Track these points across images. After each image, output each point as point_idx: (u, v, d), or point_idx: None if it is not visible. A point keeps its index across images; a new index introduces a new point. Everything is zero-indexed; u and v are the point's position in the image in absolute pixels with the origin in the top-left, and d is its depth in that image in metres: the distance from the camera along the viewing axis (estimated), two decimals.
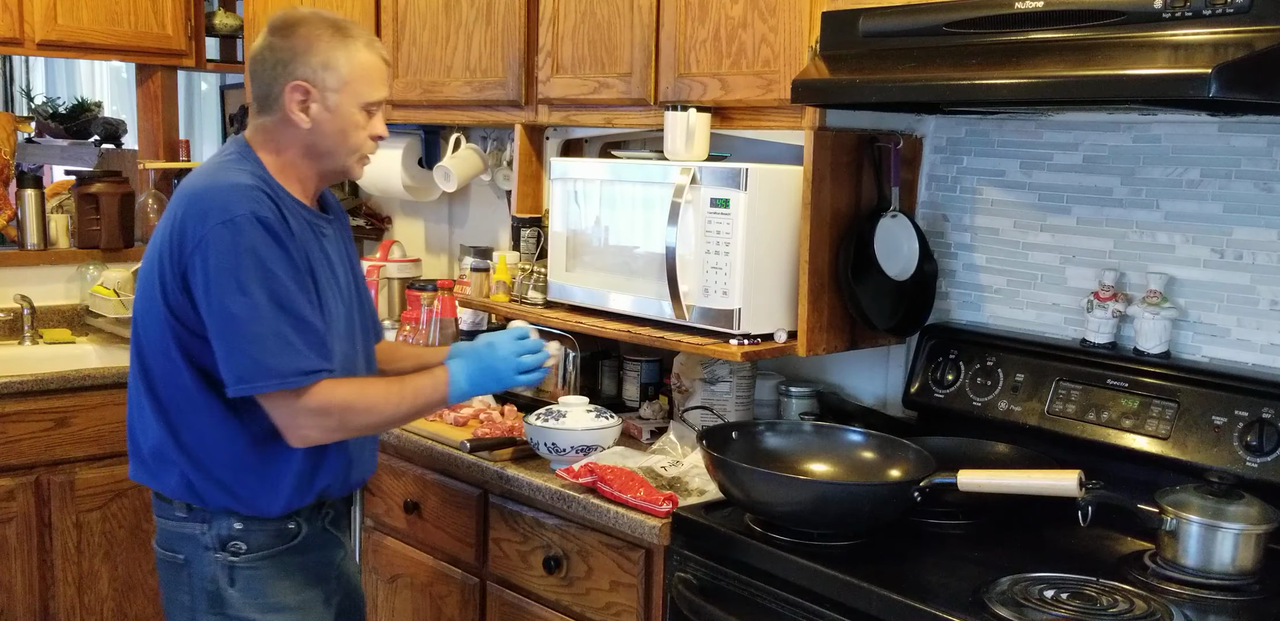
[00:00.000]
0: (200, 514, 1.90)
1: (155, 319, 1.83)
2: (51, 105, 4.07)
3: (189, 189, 1.81)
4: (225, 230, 1.74)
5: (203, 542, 1.91)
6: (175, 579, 1.95)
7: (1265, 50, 1.49)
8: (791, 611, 1.78)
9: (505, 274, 2.67)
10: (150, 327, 1.85)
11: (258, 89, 1.87)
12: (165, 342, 1.83)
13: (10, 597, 3.04)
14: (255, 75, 1.87)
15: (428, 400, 1.90)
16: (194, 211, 1.77)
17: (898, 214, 2.29)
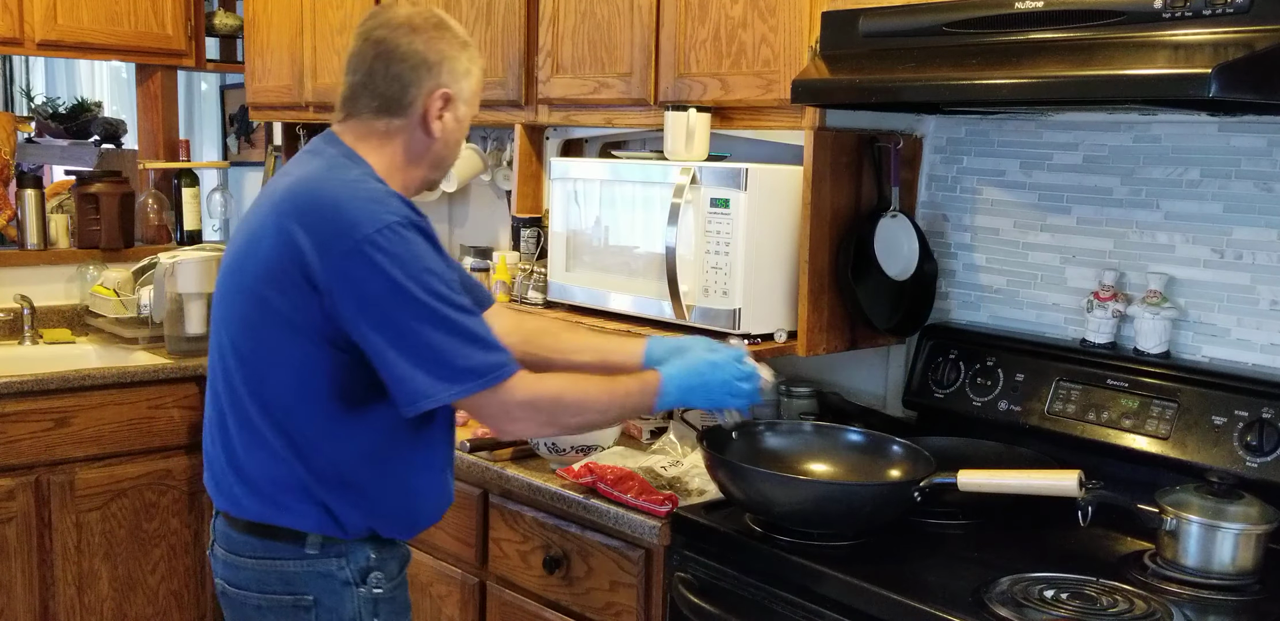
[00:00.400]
0: (337, 547, 1.73)
1: (277, 344, 1.65)
2: (51, 105, 4.07)
3: (310, 197, 1.64)
4: (386, 238, 1.59)
5: (340, 578, 1.74)
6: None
7: (1265, 50, 1.49)
8: (791, 611, 1.77)
9: (505, 274, 2.67)
10: (269, 355, 1.66)
11: (386, 87, 1.71)
12: (296, 368, 1.65)
13: (10, 597, 3.04)
14: (381, 72, 1.71)
15: (635, 405, 1.77)
16: (331, 221, 1.60)
17: (898, 214, 2.29)
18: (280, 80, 3.48)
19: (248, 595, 1.76)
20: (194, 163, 4.34)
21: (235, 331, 1.70)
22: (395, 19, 1.73)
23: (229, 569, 1.78)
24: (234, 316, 1.70)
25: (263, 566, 1.74)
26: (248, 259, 1.68)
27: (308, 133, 3.75)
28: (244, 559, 1.75)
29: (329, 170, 1.69)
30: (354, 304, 1.59)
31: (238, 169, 4.57)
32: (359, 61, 1.74)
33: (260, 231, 1.67)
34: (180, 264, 3.41)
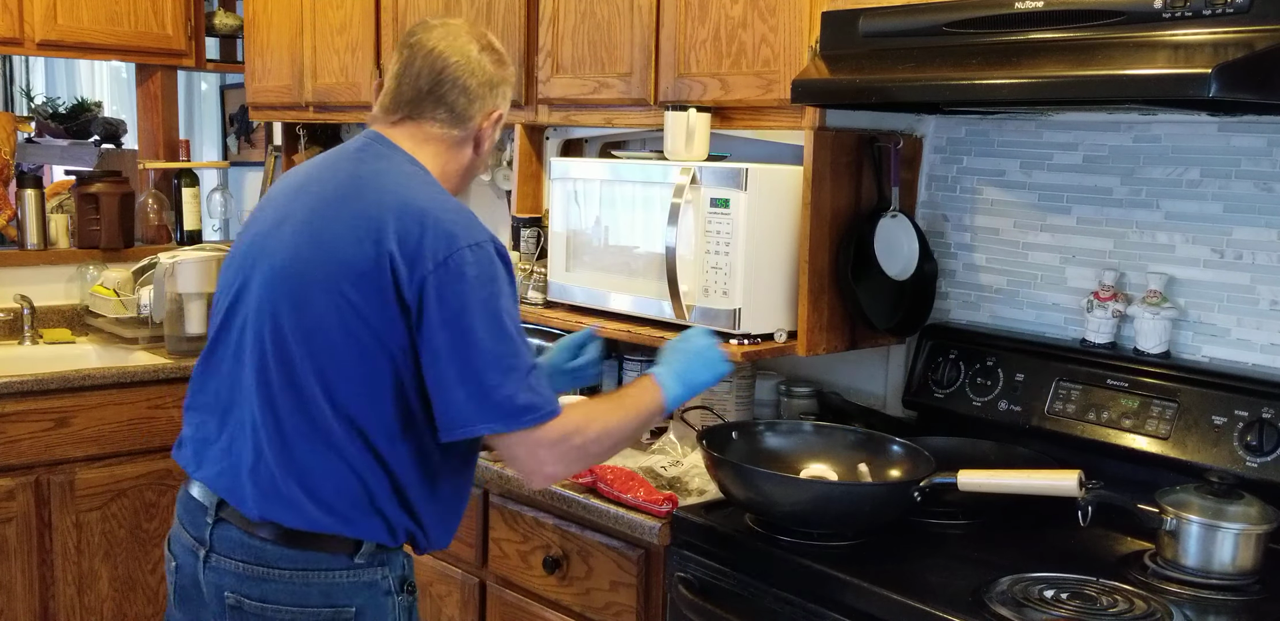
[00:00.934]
0: (381, 557, 1.72)
1: (351, 346, 1.61)
2: (51, 105, 4.07)
3: (402, 201, 1.64)
4: (476, 255, 1.61)
5: (383, 587, 1.72)
6: None
7: (1265, 50, 1.49)
8: (791, 611, 1.77)
9: None
10: (344, 357, 1.62)
11: (454, 96, 1.74)
12: (370, 373, 1.62)
13: (10, 597, 3.04)
14: (454, 83, 1.74)
15: (649, 409, 1.75)
16: (429, 230, 1.61)
17: (898, 214, 2.29)
18: (280, 80, 3.48)
19: (278, 609, 1.69)
20: (194, 163, 4.34)
21: (302, 332, 1.64)
22: (465, 34, 1.77)
23: (250, 582, 1.69)
24: (302, 317, 1.64)
25: (302, 578, 1.68)
26: (321, 255, 1.64)
27: (308, 133, 3.75)
28: (278, 570, 1.68)
29: (408, 179, 1.70)
30: (440, 314, 1.59)
31: (238, 169, 4.57)
32: (431, 69, 1.74)
33: (336, 229, 1.64)
34: (180, 264, 3.41)
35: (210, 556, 1.73)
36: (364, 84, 3.14)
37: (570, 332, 2.56)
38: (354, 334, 1.61)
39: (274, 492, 1.66)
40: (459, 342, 1.58)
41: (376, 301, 1.60)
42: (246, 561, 1.69)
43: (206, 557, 1.73)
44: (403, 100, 1.76)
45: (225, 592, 1.71)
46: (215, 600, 1.73)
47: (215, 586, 1.73)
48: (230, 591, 1.71)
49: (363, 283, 1.60)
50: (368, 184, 1.68)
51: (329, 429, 1.64)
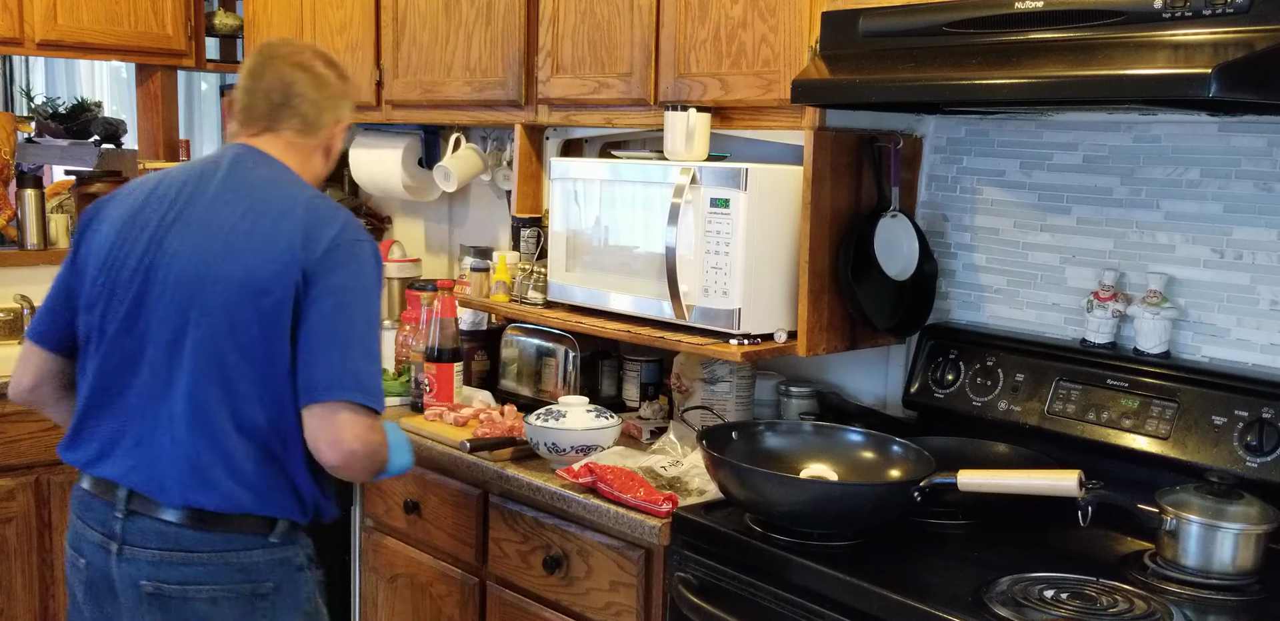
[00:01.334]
0: (292, 536, 1.86)
1: (278, 342, 1.75)
2: (51, 105, 4.07)
3: (304, 203, 1.83)
4: (365, 249, 1.82)
5: (295, 564, 1.87)
6: (251, 612, 1.83)
7: (1265, 50, 1.49)
8: (791, 611, 1.77)
9: (505, 274, 2.67)
10: (264, 349, 1.75)
11: (306, 109, 1.92)
12: (283, 360, 1.76)
13: (10, 597, 3.04)
14: (303, 96, 1.92)
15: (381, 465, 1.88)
16: (326, 223, 1.80)
17: (898, 214, 2.29)
18: None
19: (199, 589, 1.79)
20: None
21: (230, 332, 1.76)
22: (309, 52, 1.97)
23: (168, 567, 1.79)
24: (230, 318, 1.76)
25: (220, 559, 1.80)
26: (238, 260, 1.77)
27: None
28: (196, 554, 1.79)
29: (297, 181, 1.91)
30: (323, 295, 1.75)
31: None
32: (282, 83, 1.92)
33: (249, 232, 1.79)
34: None
35: (124, 549, 1.81)
36: (364, 84, 3.14)
37: (570, 333, 2.57)
38: (274, 327, 1.76)
39: (198, 478, 1.77)
40: (337, 322, 1.75)
41: (289, 296, 1.75)
42: (164, 548, 1.79)
43: (120, 551, 1.81)
44: (258, 114, 1.93)
45: (141, 581, 1.79)
46: (129, 590, 1.81)
47: (129, 577, 1.80)
48: (146, 579, 1.79)
49: (277, 283, 1.75)
50: (266, 190, 1.86)
51: (252, 416, 1.77)
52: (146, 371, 1.81)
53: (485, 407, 2.60)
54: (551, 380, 2.68)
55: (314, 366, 1.75)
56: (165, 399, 1.79)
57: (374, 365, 1.80)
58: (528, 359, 2.75)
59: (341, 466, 1.79)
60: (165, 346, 1.79)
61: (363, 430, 1.76)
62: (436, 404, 2.61)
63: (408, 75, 3.01)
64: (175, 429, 1.78)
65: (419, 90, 2.97)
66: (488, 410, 2.58)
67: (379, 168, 3.40)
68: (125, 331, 1.83)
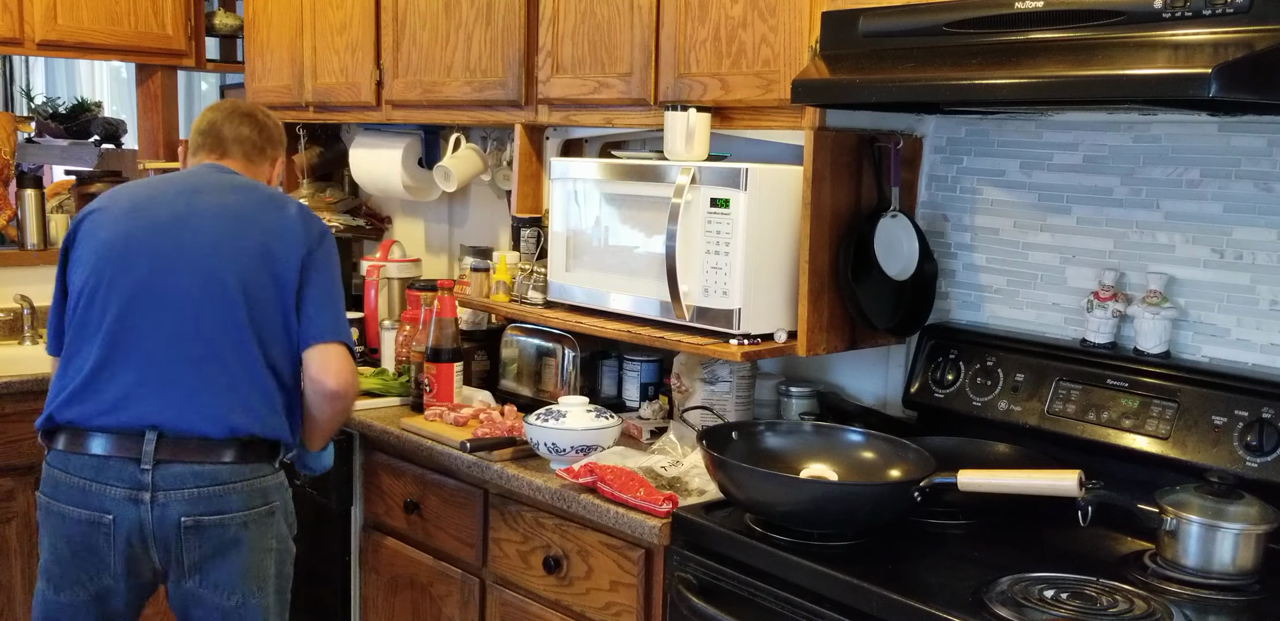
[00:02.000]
0: (280, 462, 2.24)
1: (273, 292, 2.16)
2: (51, 105, 4.07)
3: (283, 198, 2.32)
4: (330, 241, 2.30)
5: (286, 485, 2.26)
6: (263, 530, 2.19)
7: (1265, 50, 1.49)
8: (791, 611, 1.78)
9: (505, 274, 2.67)
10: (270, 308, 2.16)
11: (260, 139, 2.38)
12: (285, 308, 2.17)
13: (10, 598, 3.04)
14: (264, 130, 2.40)
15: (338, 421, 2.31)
16: (311, 218, 2.28)
17: (898, 214, 2.29)
18: (280, 80, 3.48)
19: (233, 516, 2.13)
20: None
21: (241, 289, 2.14)
22: (254, 107, 2.45)
23: (205, 501, 2.10)
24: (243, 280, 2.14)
25: (250, 487, 2.15)
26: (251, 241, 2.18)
27: (307, 132, 3.75)
28: (231, 485, 2.12)
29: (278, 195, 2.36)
30: (318, 267, 2.21)
31: None
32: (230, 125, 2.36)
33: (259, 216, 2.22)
34: None
35: (156, 495, 2.09)
36: (364, 84, 3.14)
37: (570, 333, 2.57)
38: (284, 288, 2.17)
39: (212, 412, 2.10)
40: (328, 287, 2.22)
41: (293, 263, 2.17)
42: (200, 486, 2.10)
43: (153, 499, 2.09)
44: (209, 147, 2.35)
45: (181, 517, 2.09)
46: (168, 530, 2.10)
47: (168, 519, 2.09)
48: (185, 516, 2.09)
49: (289, 255, 2.18)
50: (258, 190, 2.30)
51: (275, 356, 2.17)
52: (171, 323, 2.12)
53: (485, 407, 2.60)
54: (551, 380, 2.68)
55: (316, 318, 2.18)
56: (189, 346, 2.11)
57: (343, 317, 2.26)
58: (528, 359, 2.75)
59: (339, 392, 2.19)
60: (191, 302, 2.12)
61: (352, 365, 2.22)
62: (436, 404, 2.61)
63: (408, 75, 3.01)
64: (205, 368, 2.12)
65: (419, 90, 2.97)
66: (488, 410, 2.58)
67: (379, 168, 3.40)
68: (144, 293, 2.13)
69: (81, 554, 2.14)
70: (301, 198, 3.65)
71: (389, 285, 3.29)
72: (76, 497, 2.12)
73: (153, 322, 2.12)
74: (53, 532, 2.17)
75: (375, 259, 3.34)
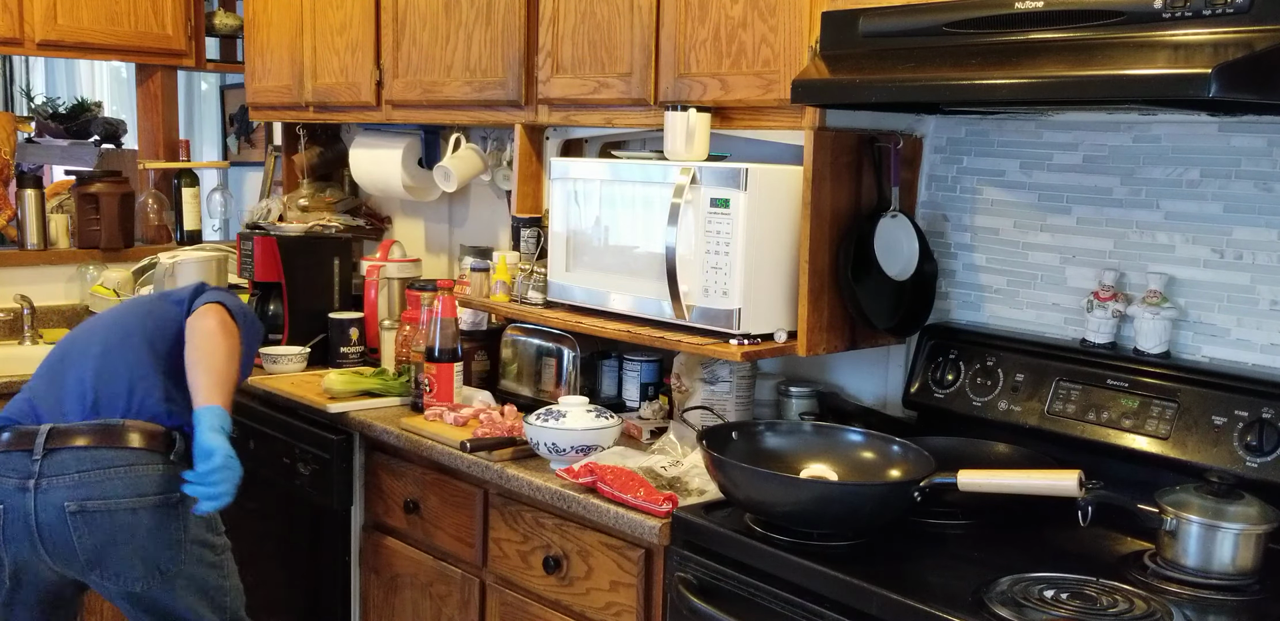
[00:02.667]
0: (181, 453, 2.27)
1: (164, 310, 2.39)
2: (51, 105, 4.07)
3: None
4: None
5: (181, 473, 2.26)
6: (166, 520, 2.23)
7: (1265, 50, 1.49)
8: (791, 611, 1.78)
9: (505, 274, 2.67)
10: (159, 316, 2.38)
11: None
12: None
13: None
14: None
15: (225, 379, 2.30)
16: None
17: (898, 214, 2.29)
18: (280, 80, 3.48)
19: (119, 501, 2.18)
20: (194, 163, 4.34)
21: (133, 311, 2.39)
22: None
23: (87, 487, 2.17)
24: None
25: (134, 473, 2.20)
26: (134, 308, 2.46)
27: (308, 132, 3.75)
28: (113, 469, 2.18)
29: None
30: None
31: (238, 169, 4.57)
32: None
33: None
34: (180, 264, 3.42)
35: (40, 482, 2.17)
36: (364, 84, 3.14)
37: (570, 333, 2.57)
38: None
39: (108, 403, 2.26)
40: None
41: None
42: (82, 470, 2.18)
43: (37, 486, 2.17)
44: None
45: (64, 503, 2.15)
46: (53, 515, 2.16)
47: (50, 505, 2.16)
48: (68, 500, 2.16)
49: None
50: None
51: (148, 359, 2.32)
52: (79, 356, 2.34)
53: (485, 407, 2.60)
54: (551, 380, 2.68)
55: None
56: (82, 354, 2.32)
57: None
58: (528, 359, 2.75)
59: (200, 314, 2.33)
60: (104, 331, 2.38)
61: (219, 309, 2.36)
62: (436, 404, 2.61)
63: (408, 75, 3.01)
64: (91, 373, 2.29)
65: (419, 90, 2.97)
66: (488, 410, 2.58)
67: (379, 168, 3.40)
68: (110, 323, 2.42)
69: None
70: (301, 198, 3.65)
71: (389, 285, 3.29)
72: None
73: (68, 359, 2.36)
74: None
75: (375, 259, 3.34)
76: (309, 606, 2.92)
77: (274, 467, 2.88)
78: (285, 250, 3.24)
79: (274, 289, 3.28)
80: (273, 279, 3.24)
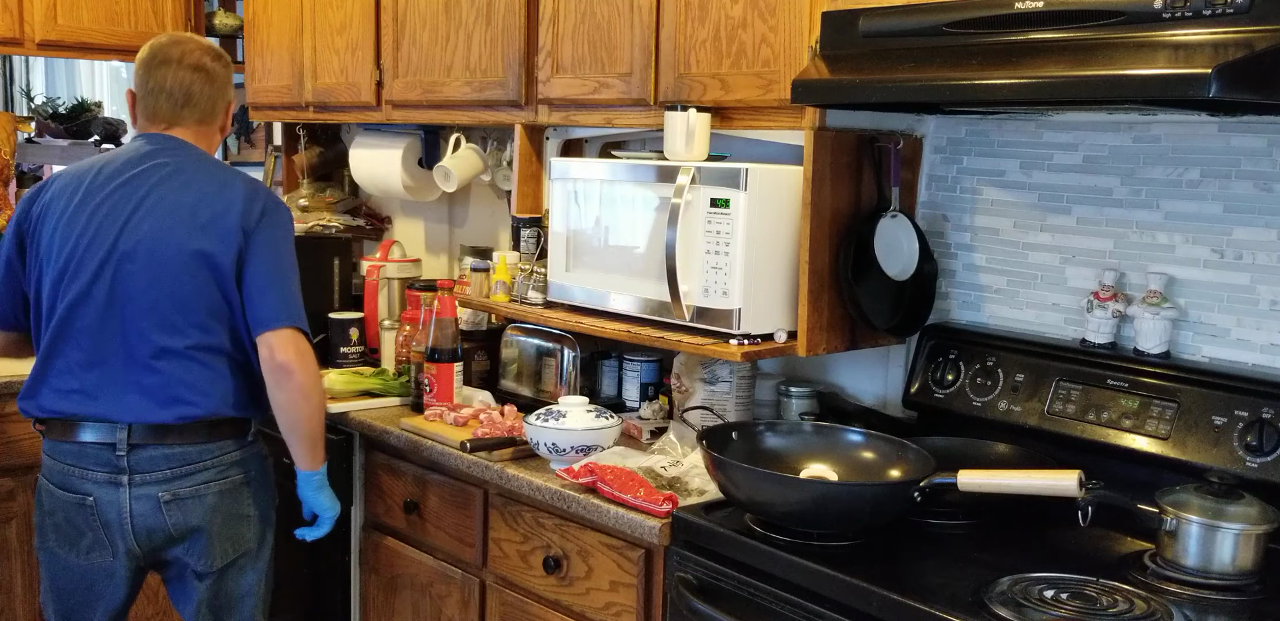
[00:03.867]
0: (255, 434, 2.37)
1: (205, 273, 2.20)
2: (51, 105, 4.07)
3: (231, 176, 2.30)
4: (284, 210, 2.33)
5: (263, 454, 2.39)
6: (237, 498, 2.31)
7: (1265, 50, 1.49)
8: (791, 611, 1.78)
9: (505, 274, 2.67)
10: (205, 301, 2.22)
11: (204, 104, 2.34)
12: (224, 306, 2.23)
13: (10, 597, 3.04)
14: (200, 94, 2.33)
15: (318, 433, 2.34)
16: (255, 193, 2.27)
17: (898, 214, 2.29)
18: (280, 80, 3.48)
19: (207, 485, 2.26)
20: None
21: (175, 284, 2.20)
22: (197, 49, 2.34)
23: (179, 480, 2.23)
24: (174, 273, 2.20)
25: (217, 461, 2.27)
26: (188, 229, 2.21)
27: (308, 132, 3.75)
28: (200, 464, 2.25)
29: (219, 163, 2.37)
30: (262, 247, 2.23)
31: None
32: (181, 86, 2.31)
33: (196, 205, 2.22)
34: None
35: (134, 477, 2.22)
36: (364, 84, 3.14)
37: (570, 333, 2.57)
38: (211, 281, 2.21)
39: (168, 400, 2.21)
40: (274, 267, 2.25)
41: (231, 245, 2.21)
42: (172, 467, 2.23)
43: (130, 482, 2.22)
44: (163, 114, 2.33)
45: (159, 493, 2.22)
46: (148, 505, 2.23)
47: (143, 497, 2.22)
48: (162, 491, 2.23)
49: (226, 238, 2.21)
50: (205, 176, 2.27)
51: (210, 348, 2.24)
52: (106, 331, 2.21)
53: (485, 407, 2.60)
54: (551, 380, 2.68)
55: (260, 303, 2.22)
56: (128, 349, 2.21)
57: (299, 296, 2.28)
58: (528, 359, 2.75)
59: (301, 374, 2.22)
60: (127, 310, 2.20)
61: (301, 350, 2.24)
62: (436, 404, 2.61)
63: (408, 75, 3.01)
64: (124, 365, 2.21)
65: (419, 90, 2.97)
66: (488, 410, 2.58)
67: (379, 168, 3.40)
68: (87, 297, 2.21)
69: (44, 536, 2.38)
70: (301, 198, 3.65)
71: (389, 285, 3.29)
72: (56, 478, 2.31)
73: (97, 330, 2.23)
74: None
75: (375, 259, 3.34)
76: (309, 606, 2.92)
77: (274, 468, 2.87)
78: None
79: None
80: None
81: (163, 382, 2.21)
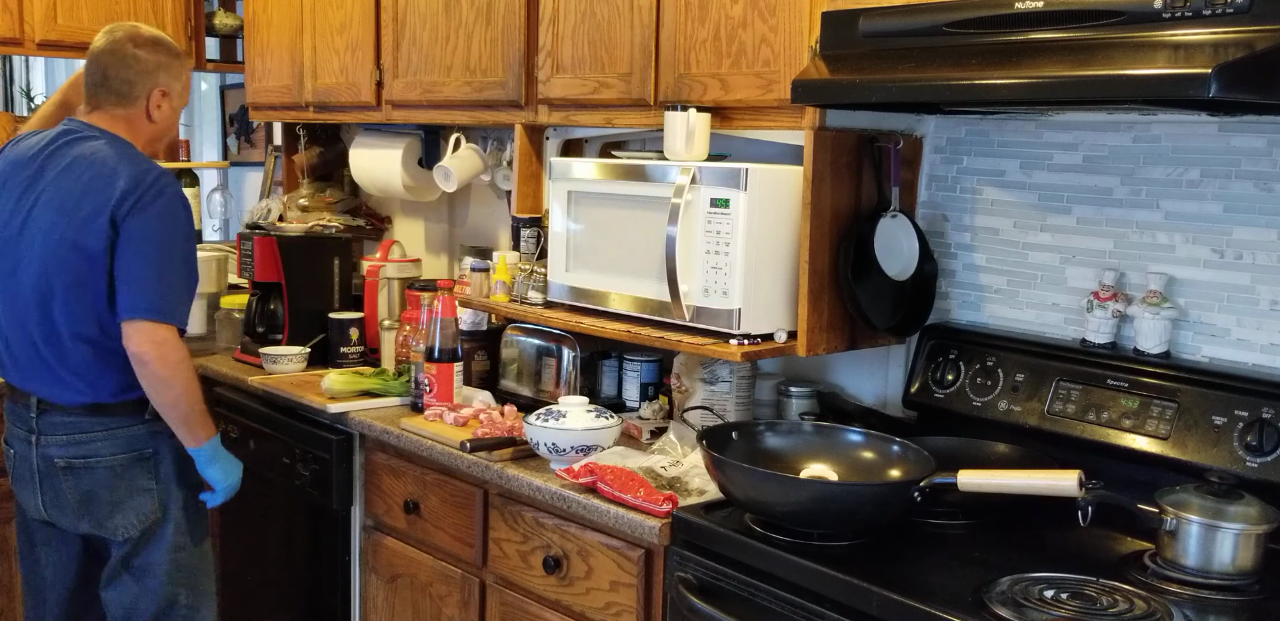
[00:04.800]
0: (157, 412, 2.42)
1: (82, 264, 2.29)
2: None
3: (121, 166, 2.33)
4: (166, 201, 2.32)
5: (166, 433, 2.43)
6: (134, 472, 2.42)
7: (1265, 50, 1.49)
8: (791, 611, 1.78)
9: (505, 274, 2.67)
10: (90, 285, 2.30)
11: (119, 86, 2.42)
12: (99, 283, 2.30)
13: (10, 598, 3.03)
14: (115, 77, 2.41)
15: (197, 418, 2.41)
16: (131, 178, 2.30)
17: (898, 214, 2.29)
18: (280, 80, 3.48)
19: (99, 459, 2.40)
20: (194, 163, 4.34)
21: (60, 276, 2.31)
22: (124, 34, 2.45)
23: (74, 447, 2.40)
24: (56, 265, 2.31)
25: (113, 436, 2.40)
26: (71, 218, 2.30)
27: (308, 132, 3.75)
28: (93, 434, 2.39)
29: (113, 147, 2.38)
30: (134, 234, 2.29)
31: (238, 169, 4.57)
32: (98, 68, 2.43)
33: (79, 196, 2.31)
34: None
35: (40, 439, 2.42)
36: (364, 84, 3.14)
37: (570, 333, 2.57)
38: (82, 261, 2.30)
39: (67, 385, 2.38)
40: (145, 255, 2.29)
41: (102, 232, 2.28)
42: (69, 433, 2.40)
43: (37, 442, 2.42)
44: (87, 98, 2.46)
45: (55, 459, 2.40)
46: (49, 466, 2.41)
47: (46, 458, 2.41)
48: (59, 457, 2.40)
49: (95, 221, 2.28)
50: (94, 163, 2.34)
51: (97, 337, 2.34)
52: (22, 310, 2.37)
53: (485, 407, 2.60)
54: (551, 380, 2.68)
55: (123, 293, 2.29)
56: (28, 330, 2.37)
57: (173, 285, 2.33)
58: (528, 359, 2.75)
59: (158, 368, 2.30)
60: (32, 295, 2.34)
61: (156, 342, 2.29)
62: (436, 404, 2.61)
63: (408, 75, 3.01)
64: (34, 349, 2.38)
65: (419, 90, 2.97)
66: (488, 410, 2.58)
67: (379, 168, 3.40)
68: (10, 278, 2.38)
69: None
70: (301, 197, 3.65)
71: (389, 285, 3.29)
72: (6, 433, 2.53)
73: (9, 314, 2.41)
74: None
75: (375, 259, 3.34)
76: (309, 606, 2.92)
77: (274, 468, 2.88)
78: (285, 250, 3.24)
79: (274, 289, 3.28)
80: (273, 279, 3.24)
81: (53, 367, 2.38)
